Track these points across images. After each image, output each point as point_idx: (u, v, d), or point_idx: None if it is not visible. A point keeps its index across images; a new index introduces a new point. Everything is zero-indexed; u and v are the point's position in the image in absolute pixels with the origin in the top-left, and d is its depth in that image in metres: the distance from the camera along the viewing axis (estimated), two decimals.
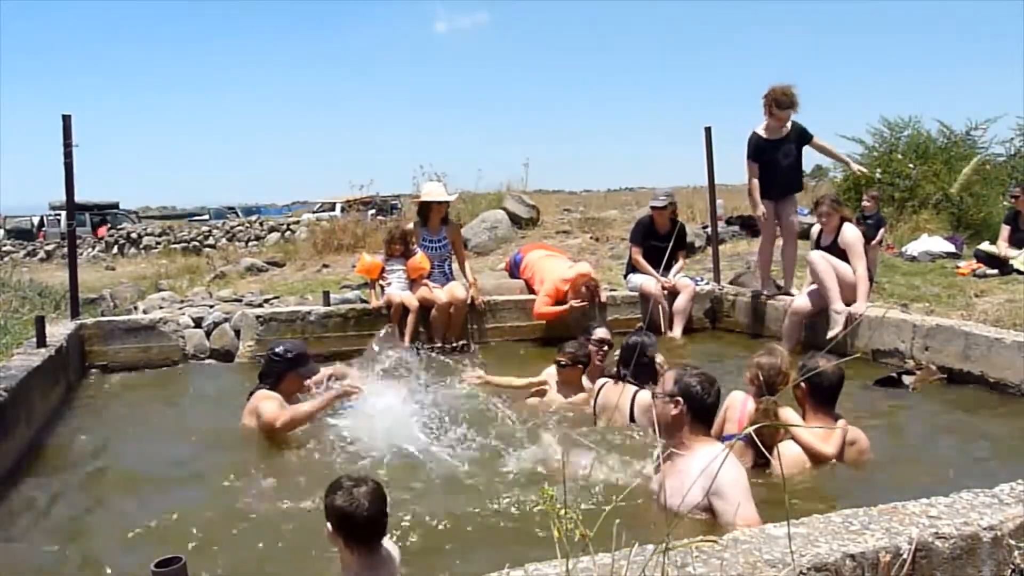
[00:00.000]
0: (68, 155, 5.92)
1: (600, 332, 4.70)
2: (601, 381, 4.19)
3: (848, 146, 14.38)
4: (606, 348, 4.62)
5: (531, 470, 3.42)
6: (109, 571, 2.73)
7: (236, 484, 3.51)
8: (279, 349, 4.29)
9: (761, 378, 3.50)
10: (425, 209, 6.80)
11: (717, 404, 3.03)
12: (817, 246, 5.99)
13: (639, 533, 1.87)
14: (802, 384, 3.41)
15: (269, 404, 4.04)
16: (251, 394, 4.20)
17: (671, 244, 6.84)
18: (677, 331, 6.73)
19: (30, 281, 10.05)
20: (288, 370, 4.21)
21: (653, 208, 7.08)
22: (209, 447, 4.13)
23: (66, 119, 5.88)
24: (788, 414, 3.47)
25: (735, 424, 3.46)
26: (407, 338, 6.25)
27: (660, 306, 6.74)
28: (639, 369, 3.98)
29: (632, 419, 3.86)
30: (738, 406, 3.53)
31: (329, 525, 2.26)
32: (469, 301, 6.57)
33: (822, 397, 3.43)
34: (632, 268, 7.22)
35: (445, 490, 3.29)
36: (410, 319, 6.28)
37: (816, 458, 3.34)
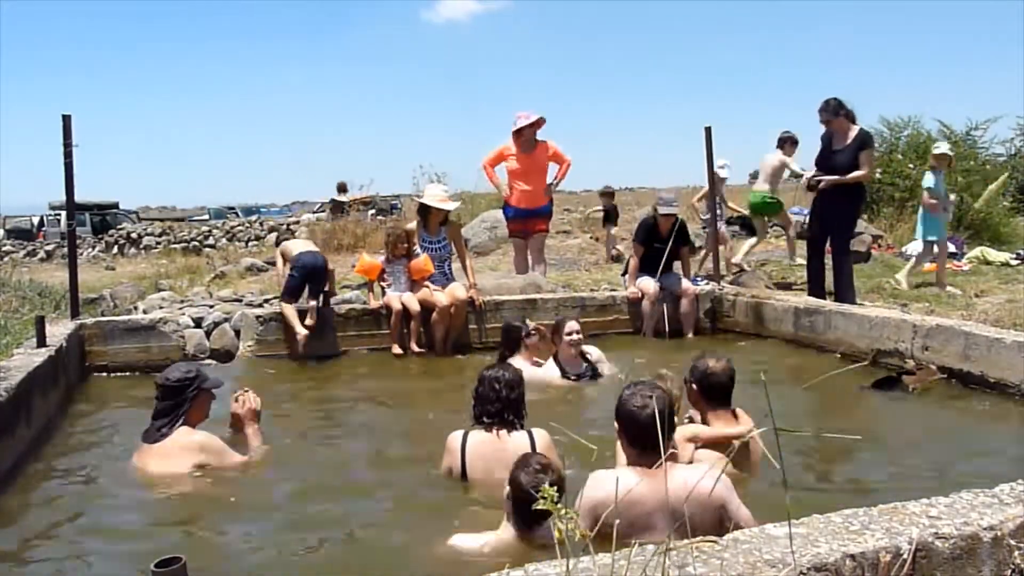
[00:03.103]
0: (68, 155, 5.91)
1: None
2: (459, 433, 3.38)
3: None
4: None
5: None
6: (109, 571, 2.73)
7: (235, 484, 3.51)
8: (178, 375, 3.71)
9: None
10: (424, 211, 6.80)
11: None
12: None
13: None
14: (694, 386, 3.34)
15: (215, 443, 3.63)
16: (156, 435, 3.59)
17: (673, 248, 6.86)
18: (689, 333, 6.83)
19: (30, 281, 10.03)
20: (199, 391, 3.72)
21: (661, 215, 6.91)
22: None
23: (66, 119, 5.87)
24: (689, 429, 3.32)
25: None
26: (412, 341, 6.23)
27: (659, 308, 6.74)
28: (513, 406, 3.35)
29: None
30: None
31: None
32: (470, 300, 6.57)
33: (716, 396, 3.31)
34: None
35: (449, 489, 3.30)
36: (413, 325, 6.27)
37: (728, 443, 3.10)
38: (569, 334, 5.13)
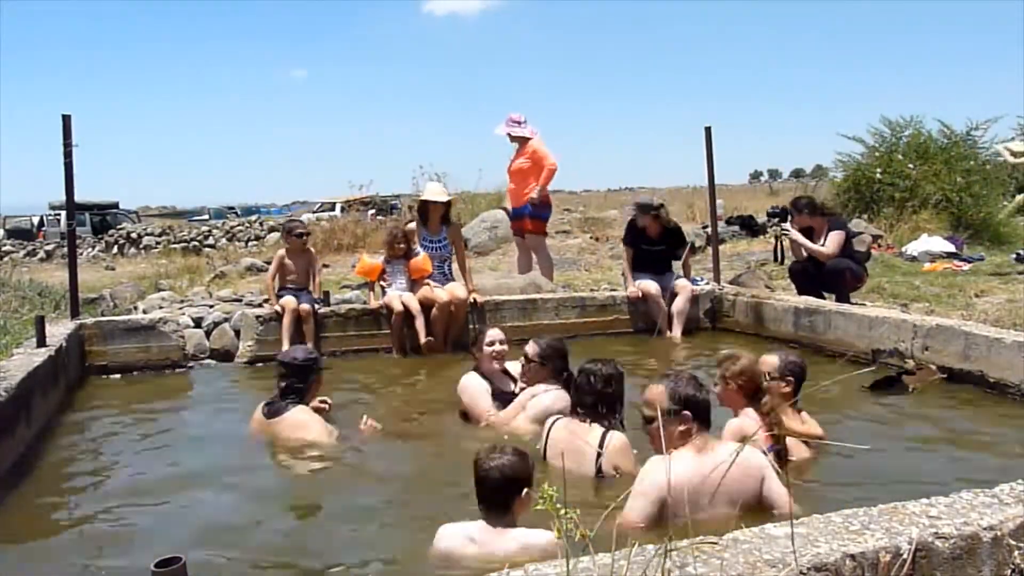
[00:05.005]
0: (68, 155, 5.91)
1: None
2: (554, 418, 3.50)
3: (849, 145, 14.43)
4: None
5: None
6: (109, 571, 2.73)
7: (236, 484, 3.52)
8: (303, 355, 4.14)
9: (742, 382, 3.41)
10: (423, 209, 6.81)
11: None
12: None
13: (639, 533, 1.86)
14: (791, 379, 3.55)
15: (319, 427, 3.92)
16: (273, 409, 3.99)
17: (666, 249, 6.93)
18: (676, 332, 6.76)
19: (30, 281, 10.03)
20: (317, 375, 4.12)
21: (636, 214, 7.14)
22: (208, 448, 4.14)
23: (66, 119, 5.87)
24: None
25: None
26: (422, 335, 6.19)
27: (660, 307, 6.75)
28: (605, 401, 3.37)
29: (599, 468, 3.22)
30: (750, 427, 3.23)
31: None
32: (471, 301, 6.56)
33: (798, 389, 3.58)
34: (632, 268, 7.22)
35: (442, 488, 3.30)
36: (418, 323, 6.24)
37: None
38: (491, 344, 4.33)
